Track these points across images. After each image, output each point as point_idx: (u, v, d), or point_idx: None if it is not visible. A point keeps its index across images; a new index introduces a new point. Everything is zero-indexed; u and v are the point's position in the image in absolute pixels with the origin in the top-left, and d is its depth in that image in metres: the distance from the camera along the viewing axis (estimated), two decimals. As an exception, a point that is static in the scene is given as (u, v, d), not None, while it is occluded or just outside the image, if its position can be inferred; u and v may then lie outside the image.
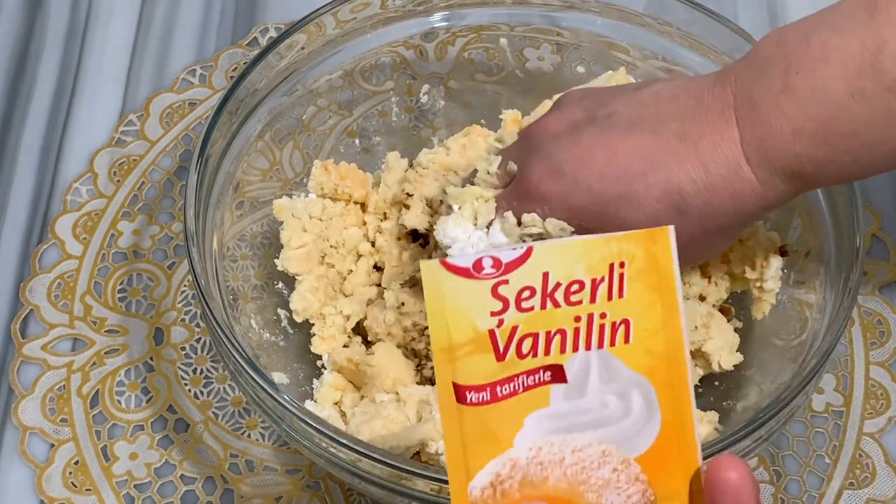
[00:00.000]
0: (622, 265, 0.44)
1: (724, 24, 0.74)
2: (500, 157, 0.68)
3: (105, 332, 0.77)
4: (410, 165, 0.76)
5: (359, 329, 0.73)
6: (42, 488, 0.72)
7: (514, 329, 0.44)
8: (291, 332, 0.73)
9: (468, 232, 0.65)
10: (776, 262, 0.70)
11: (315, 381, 0.72)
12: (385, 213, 0.75)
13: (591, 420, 0.44)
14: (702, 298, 0.72)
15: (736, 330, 0.72)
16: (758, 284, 0.71)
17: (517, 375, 0.44)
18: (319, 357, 0.72)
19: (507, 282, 0.43)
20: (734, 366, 0.70)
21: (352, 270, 0.74)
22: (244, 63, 0.80)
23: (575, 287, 0.44)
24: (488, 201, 0.66)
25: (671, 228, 0.45)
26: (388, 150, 0.78)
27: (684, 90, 0.62)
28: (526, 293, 0.44)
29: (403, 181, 0.74)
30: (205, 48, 0.90)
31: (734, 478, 0.43)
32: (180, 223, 0.81)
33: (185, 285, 0.79)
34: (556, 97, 0.72)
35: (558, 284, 0.44)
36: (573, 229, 0.62)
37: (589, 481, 0.45)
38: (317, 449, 0.62)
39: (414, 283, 0.71)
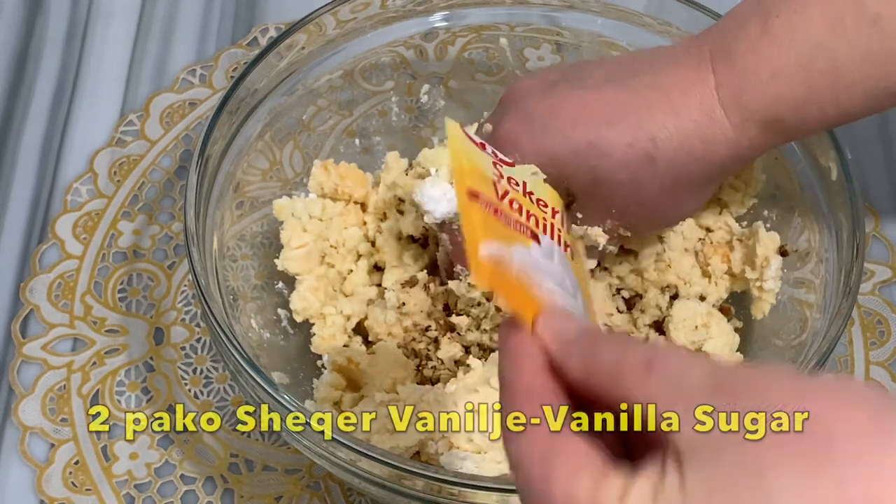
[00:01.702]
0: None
1: (724, 24, 0.74)
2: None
3: (105, 331, 0.77)
4: (410, 165, 0.76)
5: (359, 329, 0.73)
6: (42, 488, 0.72)
7: (507, 192, 0.50)
8: (291, 332, 0.73)
9: (444, 190, 0.65)
10: (776, 262, 0.70)
11: (315, 381, 0.72)
12: (385, 213, 0.75)
13: (556, 282, 0.48)
14: (702, 298, 0.72)
15: (736, 330, 0.72)
16: (758, 284, 0.70)
17: (510, 217, 0.49)
18: (319, 357, 0.72)
19: (501, 164, 0.52)
20: (734, 366, 0.70)
21: (352, 270, 0.74)
22: (244, 63, 0.80)
23: (542, 203, 0.52)
24: None
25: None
26: (388, 150, 0.78)
27: (662, 52, 0.64)
28: (513, 182, 0.51)
29: (394, 186, 0.73)
30: (205, 48, 0.90)
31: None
32: (180, 223, 0.80)
33: (185, 285, 0.79)
34: None
35: (532, 192, 0.52)
36: (545, 176, 0.59)
37: None
38: (317, 449, 0.62)
39: (414, 283, 0.71)
